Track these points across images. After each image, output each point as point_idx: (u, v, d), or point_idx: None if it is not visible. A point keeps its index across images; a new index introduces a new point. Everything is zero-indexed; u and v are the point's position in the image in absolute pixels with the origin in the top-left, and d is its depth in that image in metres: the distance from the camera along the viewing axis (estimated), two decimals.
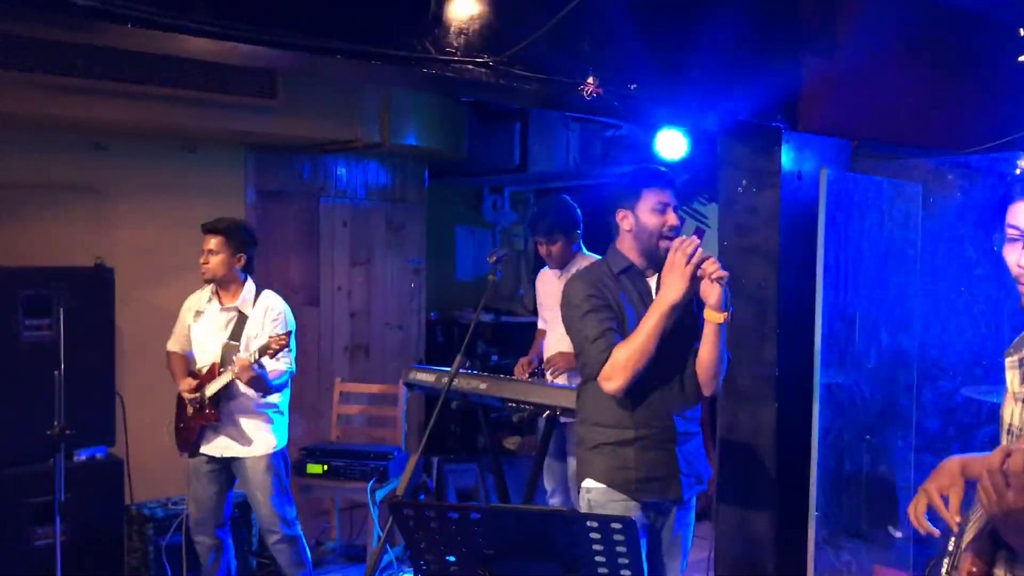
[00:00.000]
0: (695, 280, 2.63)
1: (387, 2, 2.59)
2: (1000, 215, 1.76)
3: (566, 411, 3.53)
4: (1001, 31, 4.08)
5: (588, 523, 1.90)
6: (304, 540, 4.16)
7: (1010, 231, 1.72)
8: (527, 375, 4.29)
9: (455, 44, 2.66)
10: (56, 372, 3.99)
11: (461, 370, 4.08)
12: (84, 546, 4.25)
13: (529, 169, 6.26)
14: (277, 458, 4.05)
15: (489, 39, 2.71)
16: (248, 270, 4.07)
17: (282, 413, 4.10)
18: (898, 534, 4.23)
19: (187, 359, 4.15)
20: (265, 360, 3.81)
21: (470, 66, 2.67)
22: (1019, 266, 1.71)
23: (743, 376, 3.91)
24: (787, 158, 3.75)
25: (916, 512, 1.93)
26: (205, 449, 4.01)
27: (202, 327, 4.05)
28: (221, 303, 4.01)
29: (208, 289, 4.09)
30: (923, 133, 4.12)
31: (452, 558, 2.03)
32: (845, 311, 3.74)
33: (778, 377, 3.80)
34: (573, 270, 4.17)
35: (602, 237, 3.02)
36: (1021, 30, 3.88)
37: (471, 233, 7.87)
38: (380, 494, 4.63)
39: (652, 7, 3.39)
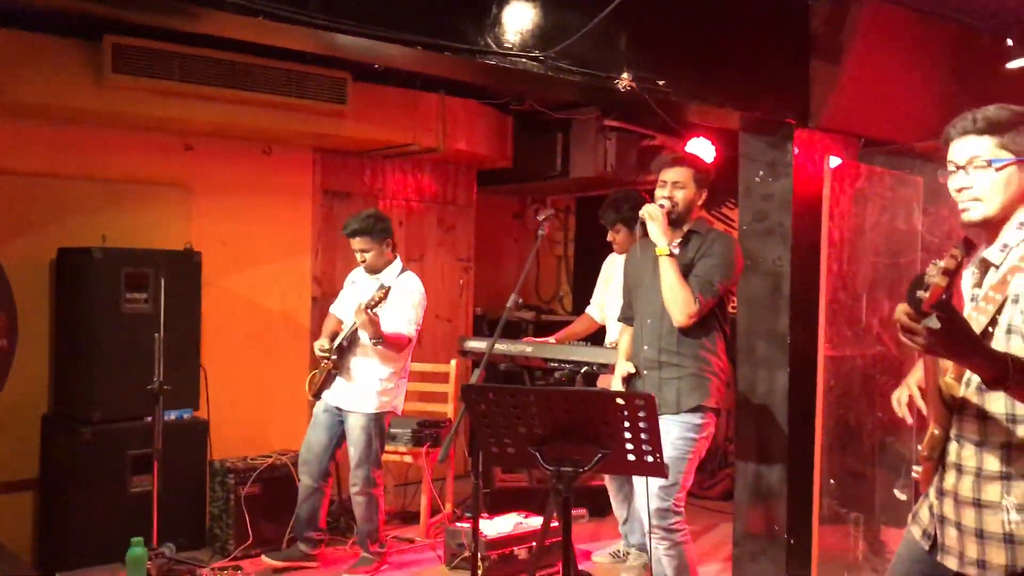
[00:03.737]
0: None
1: (454, 4, 3.15)
2: None
3: (602, 367, 4.05)
4: (995, 41, 4.57)
5: (617, 400, 2.40)
6: (380, 502, 4.67)
7: (949, 166, 2.20)
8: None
9: (511, 41, 3.22)
10: (156, 335, 4.59)
11: (508, 340, 4.63)
12: (173, 494, 4.78)
13: (570, 175, 6.78)
14: (376, 420, 4.59)
15: (540, 37, 3.26)
16: (395, 248, 4.74)
17: (393, 382, 4.64)
18: (903, 496, 4.64)
19: (340, 322, 4.78)
20: (387, 323, 4.43)
21: (523, 60, 3.22)
22: (957, 191, 2.19)
23: (760, 344, 4.39)
24: (799, 150, 4.25)
25: (899, 401, 2.42)
26: (325, 394, 4.64)
27: (354, 293, 4.71)
28: (371, 274, 4.69)
29: None
30: (926, 132, 4.58)
31: (509, 440, 2.55)
32: (850, 286, 4.20)
33: (790, 344, 4.28)
34: None
35: None
36: (1009, 40, 4.39)
37: (515, 242, 8.42)
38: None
39: (683, 15, 3.91)
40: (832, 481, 4.38)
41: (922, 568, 2.28)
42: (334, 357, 4.58)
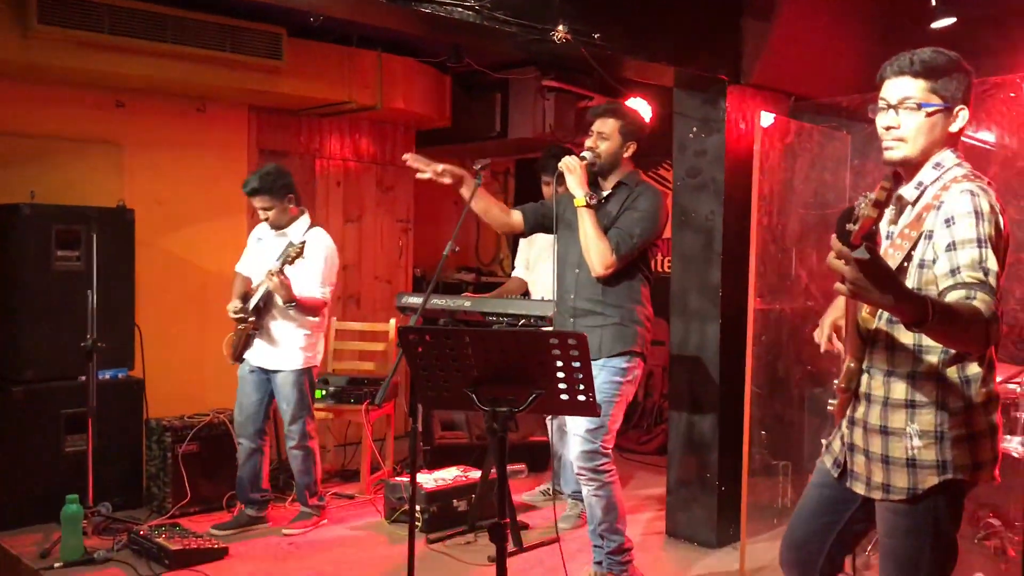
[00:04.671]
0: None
1: None
2: None
3: (540, 319, 4.09)
4: (920, 1, 4.68)
5: (551, 340, 2.45)
6: (316, 456, 4.69)
7: (880, 103, 2.27)
8: None
9: None
10: (89, 291, 4.52)
11: (447, 296, 4.66)
12: (109, 454, 4.75)
13: (509, 136, 6.79)
14: (303, 374, 4.58)
15: None
16: (299, 203, 4.64)
17: (313, 336, 4.61)
18: None
19: (248, 280, 4.70)
20: (300, 284, 4.40)
21: (459, 9, 3.23)
22: (884, 128, 2.26)
23: (692, 297, 4.49)
24: (731, 106, 4.34)
25: (821, 337, 2.51)
26: (248, 355, 4.59)
27: (261, 250, 4.64)
28: (277, 230, 4.61)
29: None
30: (853, 90, 4.69)
31: (445, 382, 2.59)
32: (779, 239, 4.31)
33: (722, 297, 4.38)
34: None
35: None
36: (933, 1, 4.50)
37: (455, 204, 8.41)
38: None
39: None
40: (763, 432, 4.52)
41: (831, 493, 2.40)
42: (253, 318, 4.51)
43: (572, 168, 3.54)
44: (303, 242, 4.36)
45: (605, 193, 3.68)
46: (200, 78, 5.23)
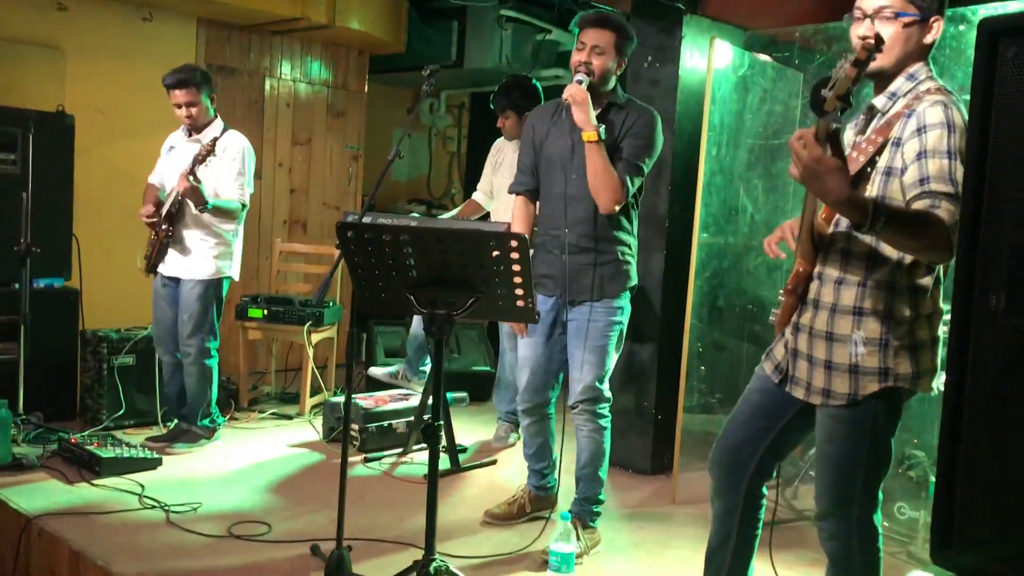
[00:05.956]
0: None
1: None
2: None
3: None
4: None
5: (491, 242, 2.44)
6: (213, 375, 4.48)
7: (856, 12, 2.25)
8: None
9: None
10: (24, 194, 4.39)
11: (395, 215, 4.61)
12: (43, 364, 4.66)
13: (465, 66, 6.70)
14: (212, 287, 4.40)
15: None
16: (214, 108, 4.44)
17: (228, 246, 4.43)
18: None
19: (158, 190, 4.52)
20: (215, 186, 4.26)
21: None
22: (859, 38, 2.22)
23: (640, 227, 4.48)
24: (686, 36, 4.31)
25: (770, 243, 2.53)
26: (161, 268, 4.44)
27: (173, 158, 4.45)
28: (189, 136, 4.42)
29: (183, 126, 4.44)
30: (813, 32, 4.69)
31: (383, 283, 2.57)
32: (727, 170, 4.32)
33: (668, 228, 4.40)
34: None
35: None
36: None
37: (407, 136, 8.30)
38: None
39: None
40: (702, 368, 4.57)
41: (769, 400, 2.43)
42: (165, 226, 4.33)
43: (580, 100, 3.15)
44: (213, 138, 4.18)
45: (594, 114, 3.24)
46: None
